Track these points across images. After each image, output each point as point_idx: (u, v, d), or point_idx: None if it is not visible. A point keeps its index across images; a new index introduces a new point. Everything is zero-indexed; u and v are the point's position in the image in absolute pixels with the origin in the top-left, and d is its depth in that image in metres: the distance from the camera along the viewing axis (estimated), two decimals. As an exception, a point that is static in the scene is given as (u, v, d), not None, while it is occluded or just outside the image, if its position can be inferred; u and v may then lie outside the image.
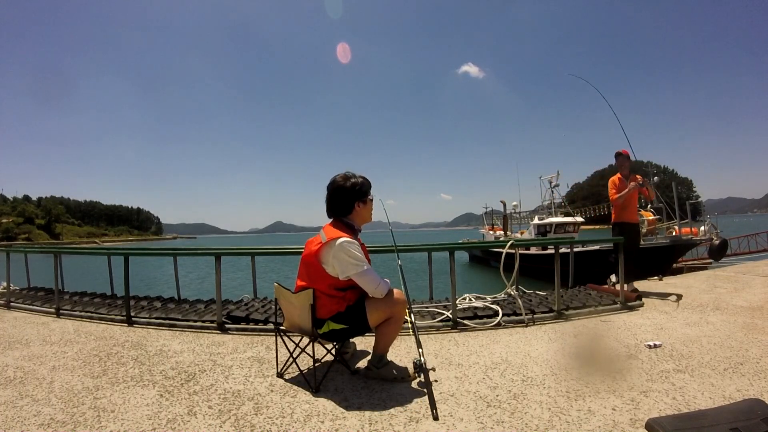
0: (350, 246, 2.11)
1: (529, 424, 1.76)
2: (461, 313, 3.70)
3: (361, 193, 2.27)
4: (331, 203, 2.28)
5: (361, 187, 2.26)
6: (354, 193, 2.25)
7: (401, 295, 2.25)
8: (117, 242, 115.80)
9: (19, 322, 4.09)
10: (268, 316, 3.77)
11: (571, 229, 19.13)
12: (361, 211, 2.29)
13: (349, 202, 2.26)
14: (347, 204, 2.26)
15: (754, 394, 1.96)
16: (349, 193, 2.25)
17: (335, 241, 2.11)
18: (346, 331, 2.24)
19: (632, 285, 4.60)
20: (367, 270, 2.13)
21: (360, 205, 2.28)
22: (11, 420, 1.92)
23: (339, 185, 2.26)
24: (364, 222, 2.34)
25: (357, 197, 2.26)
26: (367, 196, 2.30)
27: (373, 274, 2.16)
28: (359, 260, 2.11)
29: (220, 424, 1.85)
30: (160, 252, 5.90)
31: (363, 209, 2.29)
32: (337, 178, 2.27)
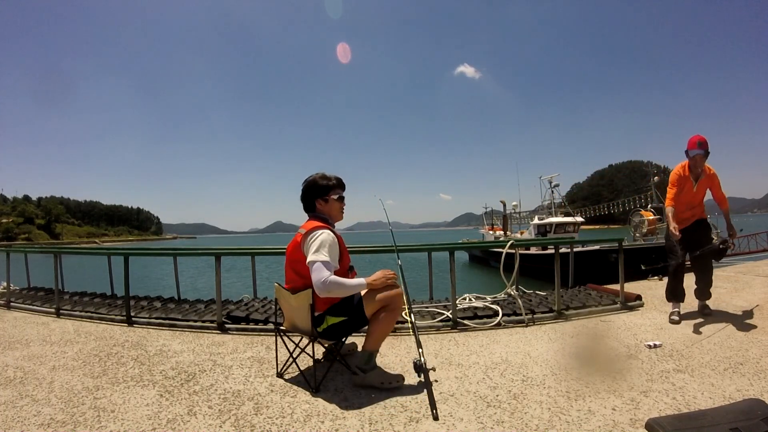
0: (322, 237, 2.12)
1: (529, 424, 1.76)
2: (461, 313, 3.70)
3: (320, 190, 2.32)
4: (302, 200, 2.39)
5: (319, 185, 2.33)
6: (313, 190, 2.33)
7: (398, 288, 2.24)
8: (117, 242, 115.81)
9: (19, 322, 4.09)
10: (268, 316, 3.77)
11: (571, 229, 19.14)
12: (324, 208, 2.34)
13: (310, 199, 2.34)
14: (309, 201, 2.35)
15: (754, 394, 1.96)
16: (310, 190, 2.34)
17: (313, 231, 2.15)
18: (346, 324, 2.22)
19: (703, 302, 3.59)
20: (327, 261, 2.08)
21: (321, 203, 2.33)
22: (11, 420, 1.92)
23: (305, 182, 2.37)
24: (336, 219, 2.39)
25: (316, 194, 2.33)
26: (326, 194, 2.33)
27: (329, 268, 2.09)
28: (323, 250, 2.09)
29: (220, 424, 1.85)
30: (160, 252, 5.91)
31: (324, 206, 2.34)
32: (308, 177, 2.38)
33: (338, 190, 2.36)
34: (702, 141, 3.35)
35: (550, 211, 21.23)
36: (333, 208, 2.36)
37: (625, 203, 23.17)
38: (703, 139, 3.36)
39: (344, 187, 2.42)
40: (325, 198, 2.33)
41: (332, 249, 2.14)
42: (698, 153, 3.33)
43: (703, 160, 3.38)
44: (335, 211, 2.37)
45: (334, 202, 2.35)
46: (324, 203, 2.33)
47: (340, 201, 2.37)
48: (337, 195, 2.35)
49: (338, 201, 2.37)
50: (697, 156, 3.34)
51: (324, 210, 2.34)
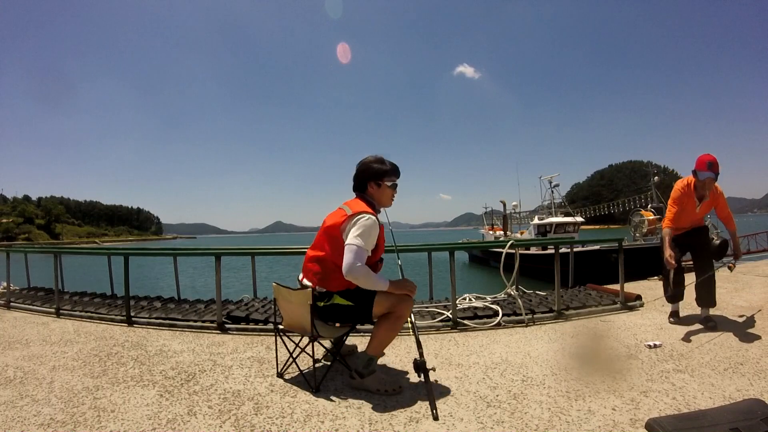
0: (371, 222, 2.12)
1: (529, 424, 1.76)
2: (461, 313, 3.70)
3: (375, 173, 2.29)
4: (354, 179, 2.36)
5: (376, 169, 2.29)
6: (368, 172, 2.30)
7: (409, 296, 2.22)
8: (117, 242, 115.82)
9: (19, 322, 4.09)
10: (268, 316, 3.77)
11: (571, 229, 19.14)
12: (375, 193, 2.31)
13: (363, 180, 2.31)
14: (361, 182, 2.31)
15: (754, 394, 1.96)
16: (365, 171, 2.30)
17: (361, 215, 2.14)
18: (350, 311, 2.20)
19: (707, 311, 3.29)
20: (362, 249, 2.08)
21: (373, 186, 2.30)
22: (11, 420, 1.92)
23: (361, 163, 2.34)
24: (385, 205, 2.36)
25: (370, 177, 2.29)
26: (381, 179, 2.29)
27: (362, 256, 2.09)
28: (364, 236, 2.09)
29: (220, 424, 1.85)
30: (160, 252, 5.90)
31: (376, 191, 2.30)
32: (365, 158, 2.34)
33: (393, 177, 2.33)
34: (712, 162, 3.07)
35: (550, 211, 21.23)
36: (384, 194, 2.32)
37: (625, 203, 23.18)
38: (714, 160, 3.09)
39: (399, 175, 2.37)
40: (379, 182, 2.29)
41: (371, 237, 2.13)
42: (709, 177, 3.07)
43: (712, 184, 3.13)
44: (386, 198, 2.34)
45: (386, 188, 2.32)
46: (376, 187, 2.30)
47: (392, 188, 2.35)
48: (391, 182, 2.32)
49: (391, 188, 2.34)
50: (707, 180, 3.09)
51: (375, 194, 2.31)
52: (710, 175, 3.07)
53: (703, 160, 3.10)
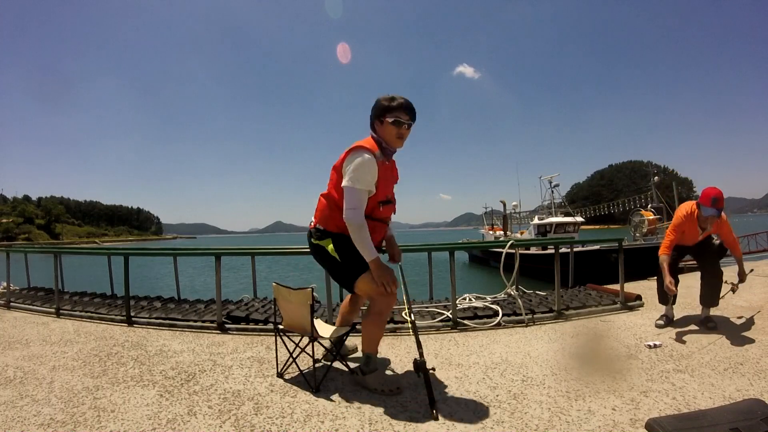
0: (361, 159, 2.01)
1: (529, 424, 1.76)
2: (461, 313, 3.70)
3: (378, 110, 2.14)
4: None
5: (378, 104, 2.15)
6: (373, 109, 2.17)
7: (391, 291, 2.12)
8: (117, 242, 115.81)
9: (19, 322, 4.09)
10: (268, 316, 3.77)
11: (571, 229, 19.14)
12: (380, 131, 2.14)
13: (371, 119, 2.18)
14: (371, 121, 2.19)
15: (754, 394, 1.96)
16: (372, 109, 2.18)
17: (354, 152, 2.05)
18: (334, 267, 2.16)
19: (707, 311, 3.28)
20: (352, 190, 2.00)
21: (377, 124, 2.15)
22: (11, 420, 1.92)
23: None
24: (390, 144, 2.16)
25: (374, 114, 2.16)
26: (383, 115, 2.12)
27: (356, 197, 2.00)
28: (356, 175, 2.00)
29: (220, 424, 1.85)
30: (160, 252, 5.91)
31: (380, 128, 2.14)
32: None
33: (397, 113, 2.10)
34: (717, 198, 2.96)
35: (550, 211, 21.23)
36: (387, 131, 2.12)
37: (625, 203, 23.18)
38: (719, 195, 2.98)
39: (410, 114, 2.15)
40: (381, 119, 2.12)
41: (365, 174, 2.01)
42: (712, 215, 3.00)
43: (714, 221, 3.05)
44: (390, 136, 2.13)
45: (388, 125, 2.11)
46: (380, 125, 2.13)
47: (396, 125, 2.10)
48: (393, 118, 2.10)
49: (394, 125, 2.10)
50: (710, 218, 3.03)
51: (380, 132, 2.14)
52: (713, 213, 2.98)
53: (708, 195, 3.00)
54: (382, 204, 2.17)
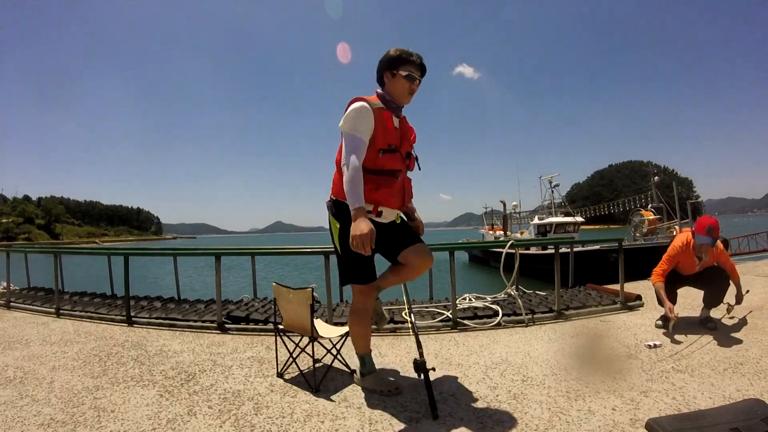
0: (354, 106, 1.94)
1: (529, 424, 1.76)
2: (461, 313, 3.70)
3: (389, 61, 2.04)
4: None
5: (390, 56, 2.04)
6: (384, 61, 2.06)
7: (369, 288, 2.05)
8: (117, 242, 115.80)
9: (19, 322, 4.09)
10: (268, 316, 3.78)
11: (571, 229, 19.14)
12: (390, 84, 2.05)
13: (379, 70, 2.08)
14: (378, 73, 2.09)
15: (754, 394, 1.96)
16: (381, 61, 2.08)
17: (352, 102, 1.98)
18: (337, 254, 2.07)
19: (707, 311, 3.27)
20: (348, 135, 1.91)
21: (388, 76, 2.05)
22: (11, 420, 1.92)
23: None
24: (400, 99, 2.07)
25: (384, 66, 2.06)
26: (396, 68, 2.02)
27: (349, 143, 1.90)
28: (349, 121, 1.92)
29: (220, 424, 1.85)
30: (160, 252, 5.91)
31: (391, 82, 2.05)
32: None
33: (410, 67, 2.02)
34: (712, 227, 2.94)
35: (550, 211, 21.23)
36: (398, 85, 2.03)
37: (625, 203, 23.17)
38: (714, 224, 2.95)
39: (421, 70, 2.07)
40: (393, 72, 2.02)
41: (358, 120, 1.91)
42: (705, 243, 2.98)
43: (709, 248, 3.02)
44: (400, 90, 2.04)
45: (400, 78, 2.01)
46: (390, 77, 2.04)
47: (408, 79, 2.02)
48: (407, 72, 2.01)
49: (406, 79, 2.02)
50: (704, 246, 3.01)
51: (389, 86, 2.05)
52: (707, 241, 2.97)
53: (703, 225, 2.99)
54: (383, 152, 2.00)
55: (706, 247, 3.01)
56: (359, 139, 1.91)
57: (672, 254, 3.16)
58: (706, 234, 2.96)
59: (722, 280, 3.15)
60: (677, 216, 16.52)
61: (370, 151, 1.96)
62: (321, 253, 3.76)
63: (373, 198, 1.98)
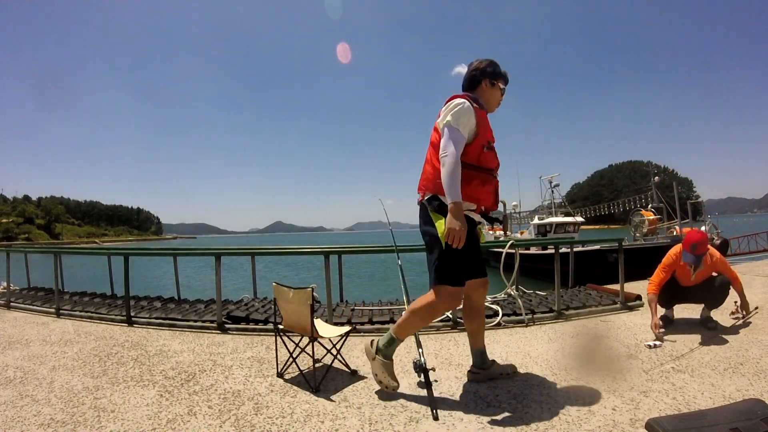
0: (457, 101, 2.02)
1: (529, 424, 1.76)
2: (461, 313, 3.70)
3: (492, 73, 2.20)
4: (466, 77, 2.26)
5: (494, 69, 2.21)
6: (485, 71, 2.19)
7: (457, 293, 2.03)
8: (117, 242, 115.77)
9: (19, 322, 4.09)
10: (268, 316, 3.78)
11: (571, 229, 19.14)
12: (487, 91, 2.20)
13: (478, 77, 2.20)
14: (475, 79, 2.21)
15: (754, 394, 1.95)
16: (481, 70, 2.20)
17: (453, 99, 2.06)
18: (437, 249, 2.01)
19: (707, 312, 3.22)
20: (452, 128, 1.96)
21: (487, 84, 2.19)
22: (11, 420, 1.92)
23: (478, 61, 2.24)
24: (490, 107, 2.23)
25: (486, 75, 2.19)
26: (497, 79, 2.20)
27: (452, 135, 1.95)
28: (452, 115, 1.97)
29: (220, 424, 1.85)
30: (160, 252, 5.92)
31: (488, 89, 2.20)
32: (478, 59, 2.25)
33: (502, 82, 2.23)
34: (696, 244, 2.89)
35: (550, 211, 21.22)
36: (494, 95, 2.23)
37: (625, 203, 23.17)
38: (699, 240, 2.90)
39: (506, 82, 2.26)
40: (493, 82, 2.20)
41: (462, 116, 1.99)
42: (690, 261, 2.95)
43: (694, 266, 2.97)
44: (494, 99, 2.24)
45: (498, 89, 2.22)
46: (489, 86, 2.20)
47: (502, 93, 2.25)
48: (504, 84, 2.25)
49: (501, 92, 2.25)
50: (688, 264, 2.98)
51: (485, 93, 2.20)
52: (691, 260, 2.93)
53: (688, 241, 2.94)
54: (487, 148, 2.07)
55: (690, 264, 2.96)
56: (461, 133, 1.98)
57: (666, 264, 3.16)
58: (690, 251, 2.92)
59: (721, 288, 3.10)
60: (677, 216, 16.51)
61: (473, 147, 2.03)
62: (321, 253, 3.75)
63: (476, 195, 2.02)
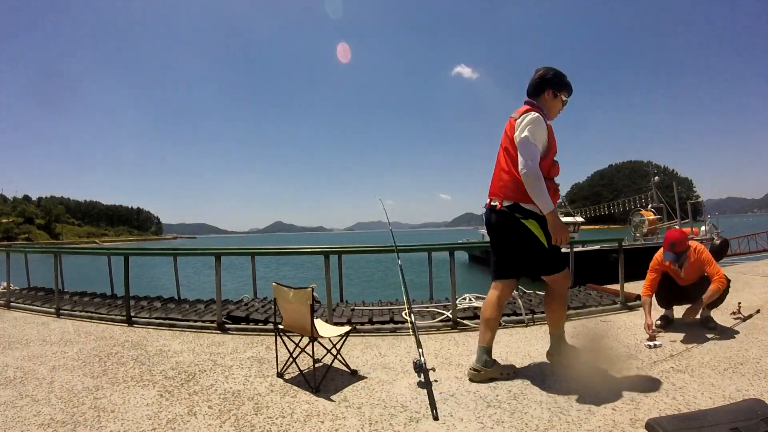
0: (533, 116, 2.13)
1: (529, 424, 1.76)
2: (461, 313, 3.70)
3: (557, 83, 2.28)
4: (531, 83, 2.32)
5: (559, 79, 2.28)
6: (550, 80, 2.27)
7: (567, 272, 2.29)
8: (117, 242, 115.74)
9: (19, 322, 4.09)
10: (268, 316, 3.78)
11: (572, 229, 19.16)
12: (549, 101, 2.29)
13: (542, 85, 2.28)
14: (539, 87, 2.29)
15: (754, 394, 1.95)
16: (547, 78, 2.28)
17: (526, 113, 2.17)
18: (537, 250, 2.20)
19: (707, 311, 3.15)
20: (529, 143, 2.10)
21: (547, 95, 2.28)
22: (11, 420, 1.92)
23: (544, 69, 2.31)
24: (550, 116, 2.32)
25: (551, 84, 2.27)
26: (560, 90, 2.29)
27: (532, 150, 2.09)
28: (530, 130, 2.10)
29: (220, 424, 1.85)
30: (160, 252, 5.92)
31: (551, 100, 2.29)
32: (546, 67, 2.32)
33: (566, 94, 2.33)
34: (674, 242, 2.90)
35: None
36: (556, 105, 2.32)
37: (626, 203, 23.17)
38: (677, 239, 2.91)
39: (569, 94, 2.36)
40: (557, 92, 2.29)
41: (538, 130, 2.13)
42: (669, 260, 2.95)
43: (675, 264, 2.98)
44: (555, 110, 2.34)
45: (561, 101, 2.32)
46: (551, 97, 2.29)
47: (563, 104, 2.35)
48: (566, 96, 2.34)
49: (563, 103, 2.34)
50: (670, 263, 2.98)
51: (547, 102, 2.29)
52: (671, 258, 2.95)
53: (667, 239, 2.96)
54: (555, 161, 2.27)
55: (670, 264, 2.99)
56: (537, 148, 2.13)
57: (653, 265, 3.19)
58: (670, 249, 2.94)
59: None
60: (677, 216, 16.51)
61: (546, 160, 2.17)
62: (321, 253, 3.76)
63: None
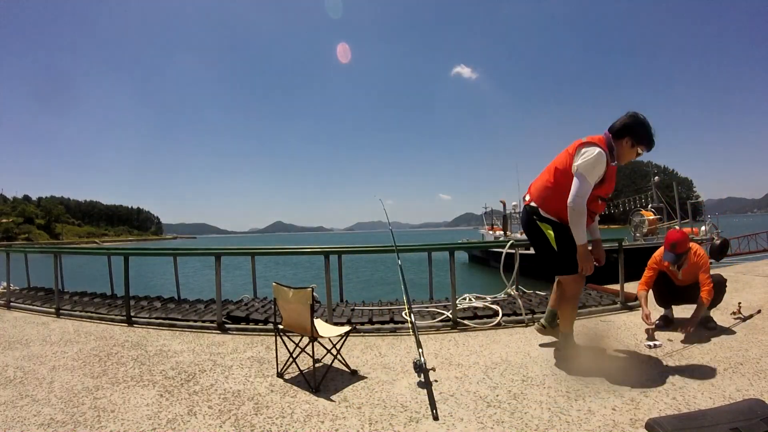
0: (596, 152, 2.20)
1: (529, 424, 1.76)
2: (461, 313, 3.70)
3: (638, 135, 2.30)
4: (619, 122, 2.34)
5: (643, 133, 2.30)
6: (634, 130, 2.29)
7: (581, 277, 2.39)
8: (117, 242, 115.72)
9: (19, 322, 4.09)
10: (268, 316, 3.78)
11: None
12: (625, 148, 2.32)
13: (625, 131, 2.30)
14: (623, 130, 2.31)
15: (754, 394, 1.95)
16: (633, 127, 2.30)
17: (590, 146, 2.24)
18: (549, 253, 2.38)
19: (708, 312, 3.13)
20: (584, 179, 2.19)
21: (626, 141, 2.30)
22: (11, 420, 1.92)
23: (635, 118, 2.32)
24: (619, 160, 2.36)
25: (629, 132, 2.29)
26: (640, 143, 2.30)
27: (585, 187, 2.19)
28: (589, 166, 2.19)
29: (220, 424, 1.85)
30: (160, 252, 5.92)
31: (624, 146, 2.31)
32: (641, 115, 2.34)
33: (645, 149, 2.35)
34: (675, 243, 2.91)
35: (550, 211, 21.20)
36: (629, 154, 2.35)
37: (625, 203, 23.16)
38: (678, 239, 2.92)
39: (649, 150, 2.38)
40: (634, 143, 2.31)
41: (595, 168, 2.21)
42: (669, 260, 2.97)
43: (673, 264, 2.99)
44: (626, 157, 2.36)
45: (635, 152, 2.34)
46: (628, 146, 2.31)
47: (635, 156, 2.37)
48: (641, 150, 2.35)
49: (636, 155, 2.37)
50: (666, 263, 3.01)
51: (623, 148, 2.32)
52: (671, 258, 2.96)
53: (668, 240, 2.98)
54: (601, 199, 2.39)
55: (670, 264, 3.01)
56: (590, 184, 2.23)
57: (650, 264, 3.23)
58: (670, 250, 2.96)
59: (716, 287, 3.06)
60: (677, 216, 16.50)
61: (593, 194, 2.27)
62: (321, 253, 3.75)
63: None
